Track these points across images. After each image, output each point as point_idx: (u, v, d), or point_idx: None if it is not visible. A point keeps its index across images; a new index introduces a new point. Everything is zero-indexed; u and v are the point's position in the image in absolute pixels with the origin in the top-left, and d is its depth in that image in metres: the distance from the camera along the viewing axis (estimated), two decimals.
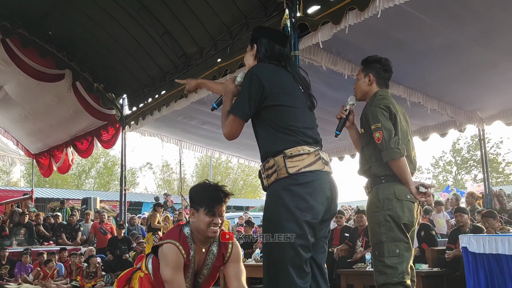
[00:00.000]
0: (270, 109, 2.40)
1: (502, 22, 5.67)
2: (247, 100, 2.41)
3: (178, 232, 2.84)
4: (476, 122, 8.38)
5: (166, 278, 2.72)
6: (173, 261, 2.72)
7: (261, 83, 2.39)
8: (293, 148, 2.35)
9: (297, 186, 2.30)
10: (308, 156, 2.35)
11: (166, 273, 2.72)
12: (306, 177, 2.32)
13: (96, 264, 9.24)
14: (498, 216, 6.21)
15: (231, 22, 7.70)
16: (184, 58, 8.90)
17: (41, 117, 12.36)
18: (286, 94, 2.43)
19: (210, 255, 2.93)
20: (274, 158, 2.37)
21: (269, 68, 2.52)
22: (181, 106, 8.53)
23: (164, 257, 2.76)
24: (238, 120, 2.43)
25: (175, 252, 2.74)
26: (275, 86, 2.42)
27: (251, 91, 2.40)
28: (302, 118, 2.43)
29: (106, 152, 35.55)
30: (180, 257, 2.74)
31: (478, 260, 5.20)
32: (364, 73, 3.22)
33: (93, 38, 9.97)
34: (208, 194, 2.77)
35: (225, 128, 2.47)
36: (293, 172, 2.31)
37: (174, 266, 2.72)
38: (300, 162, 2.33)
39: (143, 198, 26.36)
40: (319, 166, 2.37)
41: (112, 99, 10.98)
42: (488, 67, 6.65)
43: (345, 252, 7.40)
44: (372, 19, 5.11)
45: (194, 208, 2.80)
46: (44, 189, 27.11)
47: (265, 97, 2.39)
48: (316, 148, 2.41)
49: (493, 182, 27.01)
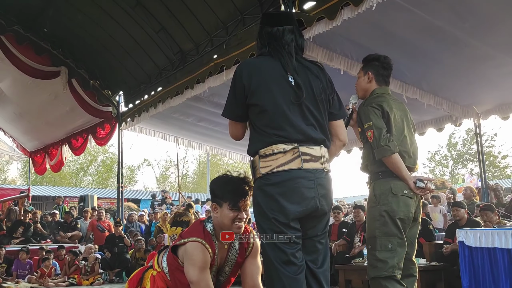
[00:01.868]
0: (251, 109, 2.37)
1: (497, 16, 5.67)
2: (234, 101, 2.39)
3: (202, 229, 2.69)
4: (472, 117, 8.39)
5: (192, 279, 2.57)
6: (200, 261, 2.57)
7: (242, 82, 2.34)
8: (267, 148, 2.30)
9: (269, 186, 2.27)
10: (283, 155, 2.27)
11: (192, 274, 2.57)
12: (279, 177, 2.26)
13: (93, 262, 9.23)
14: (496, 209, 6.23)
15: (227, 18, 7.69)
16: (180, 55, 8.88)
17: (36, 115, 12.31)
18: (265, 92, 2.32)
19: (232, 251, 2.78)
20: (253, 158, 2.38)
21: (251, 64, 2.45)
22: (177, 103, 8.52)
23: (190, 257, 2.59)
24: (232, 121, 2.45)
25: (202, 251, 2.59)
26: (254, 84, 2.32)
27: (235, 91, 2.38)
28: (281, 116, 2.30)
29: (104, 149, 35.53)
30: (207, 256, 2.60)
31: (474, 254, 5.21)
32: (363, 71, 3.24)
33: (88, 35, 9.94)
34: (232, 188, 2.62)
35: (229, 131, 2.51)
36: (265, 172, 2.29)
37: (201, 266, 2.57)
38: (274, 162, 2.28)
39: (141, 195, 26.33)
40: (296, 165, 2.27)
41: (108, 96, 10.96)
42: (484, 61, 6.65)
43: (343, 247, 7.41)
44: (367, 14, 5.11)
45: (217, 203, 2.65)
46: (41, 187, 27.05)
47: (246, 95, 2.34)
48: (293, 146, 2.28)
49: (490, 176, 27.08)
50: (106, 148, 35.30)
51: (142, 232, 11.85)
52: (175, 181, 37.01)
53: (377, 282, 2.92)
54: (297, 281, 2.25)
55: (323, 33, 5.61)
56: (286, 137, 2.30)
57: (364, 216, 7.44)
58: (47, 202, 23.62)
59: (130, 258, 9.84)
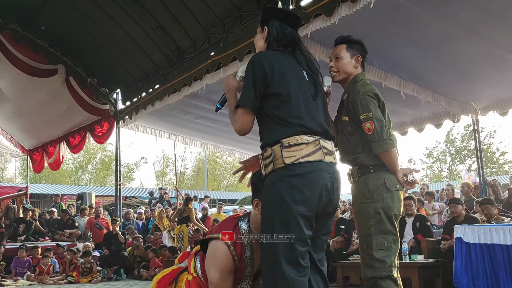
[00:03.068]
0: (269, 99, 2.31)
1: (494, 11, 5.66)
2: (252, 91, 2.30)
3: (233, 227, 2.51)
4: (470, 113, 8.39)
5: (212, 281, 2.43)
6: (221, 264, 2.42)
7: (264, 71, 2.29)
8: (291, 138, 2.26)
9: (293, 177, 2.21)
10: (306, 146, 2.26)
11: (212, 275, 2.43)
12: (304, 168, 2.23)
13: (91, 260, 9.21)
14: (495, 203, 6.24)
15: (224, 15, 7.67)
16: (178, 52, 8.86)
17: (34, 114, 12.30)
18: (287, 82, 2.33)
19: None
20: (272, 147, 2.28)
21: (270, 55, 2.40)
22: (174, 100, 8.51)
23: (212, 257, 2.45)
24: (248, 112, 2.31)
25: (225, 254, 2.42)
26: (276, 74, 2.31)
27: (255, 80, 2.30)
28: (302, 108, 2.32)
29: (103, 147, 35.55)
30: (229, 261, 2.42)
31: (472, 250, 5.22)
32: (350, 53, 2.95)
33: (85, 33, 9.91)
34: None
35: (236, 124, 2.36)
36: (289, 163, 2.22)
37: (222, 270, 2.42)
38: (298, 152, 2.24)
39: (138, 192, 26.32)
40: (318, 157, 2.27)
41: (106, 93, 10.94)
42: (481, 57, 6.64)
43: (341, 244, 7.42)
44: (364, 10, 5.09)
45: (259, 198, 2.44)
46: (39, 185, 27.06)
47: (267, 85, 2.30)
48: (316, 138, 2.30)
49: (488, 172, 27.14)
50: (105, 146, 35.33)
51: (139, 229, 11.84)
52: (173, 179, 37.02)
53: (375, 282, 2.78)
54: (303, 284, 2.21)
55: (320, 30, 5.60)
56: (309, 128, 2.29)
57: None
58: (45, 200, 23.63)
59: (128, 255, 9.85)
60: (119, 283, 8.83)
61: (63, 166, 32.72)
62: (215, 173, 39.49)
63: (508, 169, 30.12)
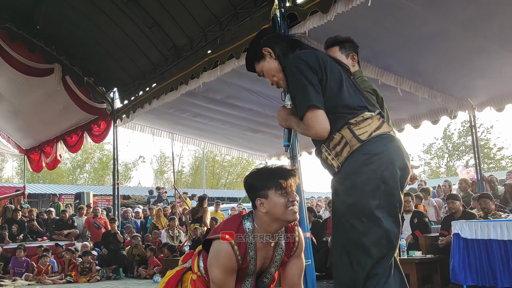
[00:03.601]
0: (325, 94, 2.16)
1: (490, 8, 5.67)
2: (311, 88, 2.12)
3: (237, 225, 2.42)
4: (467, 109, 8.41)
5: (215, 280, 2.36)
6: (224, 264, 2.34)
7: (312, 67, 2.16)
8: (356, 117, 2.14)
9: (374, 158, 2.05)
10: (372, 120, 2.14)
11: (215, 275, 2.35)
12: (379, 146, 2.08)
13: (90, 260, 9.21)
14: (493, 198, 6.27)
15: (220, 12, 7.65)
16: (174, 50, 8.84)
17: (30, 113, 12.26)
18: (332, 71, 2.21)
19: (278, 250, 2.49)
20: (339, 131, 2.12)
21: (306, 52, 2.27)
22: (171, 98, 8.50)
23: (215, 256, 2.37)
24: (317, 109, 2.11)
25: (228, 253, 2.35)
26: (322, 66, 2.18)
27: (308, 77, 2.14)
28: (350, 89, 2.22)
29: (101, 146, 35.53)
30: (233, 260, 2.35)
31: (469, 246, 5.24)
32: (345, 54, 2.86)
33: (81, 32, 9.89)
34: (273, 172, 2.39)
35: (313, 128, 2.13)
36: (365, 138, 2.08)
37: (224, 269, 2.35)
38: (368, 127, 2.11)
39: (136, 191, 26.31)
40: (386, 129, 2.16)
41: (103, 92, 10.92)
42: (478, 53, 6.65)
43: None
44: (361, 7, 5.09)
45: (261, 196, 2.35)
46: (37, 185, 27.02)
47: (320, 79, 2.16)
48: (376, 112, 2.20)
49: (485, 168, 27.20)
50: (103, 145, 35.31)
51: (137, 228, 11.85)
52: (171, 177, 37.02)
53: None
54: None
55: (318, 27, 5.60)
56: (366, 106, 2.21)
57: None
58: (43, 200, 23.60)
59: (126, 254, 9.85)
60: (118, 282, 8.84)
61: (61, 166, 32.69)
62: (213, 171, 39.50)
63: (506, 165, 30.20)
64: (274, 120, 10.01)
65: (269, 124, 9.46)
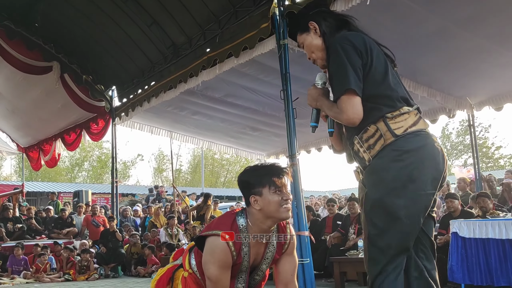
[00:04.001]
0: (367, 77, 2.09)
1: (489, 7, 5.67)
2: (352, 71, 2.04)
3: (231, 223, 2.42)
4: (466, 108, 8.42)
5: (211, 277, 2.36)
6: (220, 260, 2.35)
7: (358, 50, 2.07)
8: (394, 110, 2.08)
9: (407, 155, 2.01)
10: (409, 115, 2.08)
11: (211, 271, 2.35)
12: (414, 143, 2.03)
13: (88, 258, 9.21)
14: (491, 197, 6.28)
15: (219, 11, 7.64)
16: (173, 48, 8.83)
17: (29, 111, 12.23)
18: (378, 58, 2.13)
19: (270, 247, 2.51)
20: (375, 124, 2.07)
21: (354, 34, 2.18)
22: (170, 97, 8.49)
23: (211, 253, 2.37)
24: (354, 94, 2.04)
25: (224, 250, 2.35)
26: (368, 50, 2.11)
27: (351, 60, 2.05)
28: (395, 80, 2.17)
29: (99, 145, 35.48)
30: (228, 256, 2.36)
31: (467, 245, 5.25)
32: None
33: (80, 30, 9.86)
34: (267, 170, 2.39)
35: (345, 113, 2.06)
36: (400, 134, 2.02)
37: (220, 266, 2.35)
38: (404, 122, 2.05)
39: (135, 190, 26.30)
40: (423, 125, 2.09)
41: (101, 90, 10.90)
42: (477, 53, 6.66)
43: (338, 239, 7.43)
44: (360, 6, 5.09)
45: (256, 194, 2.35)
46: (35, 183, 26.97)
47: (364, 63, 2.07)
48: (414, 107, 2.13)
49: (483, 167, 27.22)
50: (102, 144, 35.26)
51: (136, 226, 11.85)
52: (169, 175, 36.99)
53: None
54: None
55: None
56: (406, 99, 2.15)
57: (358, 208, 7.47)
58: (41, 198, 23.56)
59: (125, 253, 9.85)
60: (116, 281, 8.83)
61: (59, 164, 32.61)
62: (212, 170, 39.49)
63: (504, 164, 30.23)
64: (273, 119, 10.05)
65: (268, 122, 9.46)
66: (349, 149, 2.27)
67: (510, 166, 27.28)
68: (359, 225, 7.17)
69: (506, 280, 4.92)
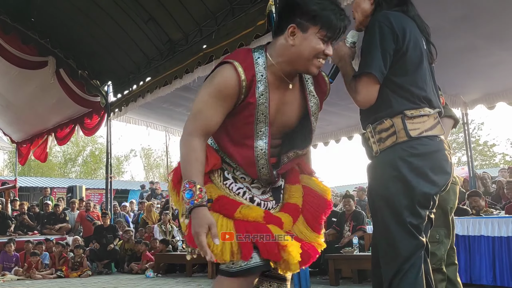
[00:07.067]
0: (395, 66, 2.01)
1: (483, 6, 5.71)
2: (381, 55, 1.96)
3: (245, 55, 1.85)
4: (459, 106, 8.47)
5: (196, 102, 1.83)
6: (219, 85, 1.78)
7: (395, 33, 1.98)
8: (414, 109, 2.01)
9: (417, 158, 1.96)
10: (428, 118, 2.02)
11: (198, 99, 1.82)
12: (427, 147, 1.99)
13: (81, 254, 9.13)
14: (483, 195, 6.33)
15: (216, 8, 7.65)
16: (169, 44, 8.83)
17: (23, 107, 12.16)
18: (415, 49, 2.04)
19: (311, 98, 1.94)
20: (392, 118, 2.01)
21: (398, 16, 2.06)
22: (165, 93, 8.50)
23: (210, 79, 1.84)
24: (374, 80, 1.98)
25: (228, 75, 1.78)
26: (407, 38, 2.01)
27: (384, 43, 1.97)
28: (425, 78, 2.09)
29: (93, 140, 35.33)
30: (232, 83, 1.77)
31: (460, 242, 5.29)
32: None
33: (76, 25, 9.82)
34: (332, 7, 1.77)
35: (359, 94, 2.02)
36: (414, 136, 1.97)
37: (214, 94, 1.78)
38: (421, 125, 1.99)
39: (129, 185, 26.23)
40: (439, 131, 2.04)
41: (97, 86, 10.87)
42: (470, 51, 6.70)
43: (333, 236, 7.47)
44: None
45: (299, 25, 1.76)
46: (28, 178, 26.80)
47: (398, 50, 1.99)
48: (436, 110, 2.07)
49: (477, 165, 27.38)
50: (95, 139, 35.11)
51: (128, 222, 11.78)
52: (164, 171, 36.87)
53: None
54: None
55: None
56: (430, 100, 2.07)
57: (354, 205, 7.50)
58: (34, 193, 23.44)
59: (119, 249, 9.81)
60: (109, 277, 8.78)
61: (52, 159, 32.47)
62: None
63: (498, 162, 30.39)
64: None
65: None
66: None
67: (505, 163, 27.43)
68: (354, 222, 7.21)
69: (498, 277, 4.99)
